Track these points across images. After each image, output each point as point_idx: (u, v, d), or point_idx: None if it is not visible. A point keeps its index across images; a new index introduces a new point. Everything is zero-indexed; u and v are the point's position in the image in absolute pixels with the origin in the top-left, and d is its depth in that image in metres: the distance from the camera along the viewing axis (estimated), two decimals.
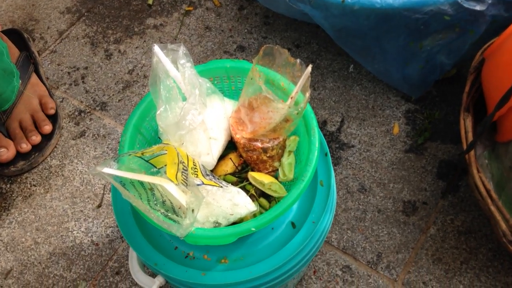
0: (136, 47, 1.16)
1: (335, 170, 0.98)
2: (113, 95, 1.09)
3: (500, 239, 0.73)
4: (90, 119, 1.06)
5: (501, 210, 0.72)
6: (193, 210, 0.56)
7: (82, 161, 1.01)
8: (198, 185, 0.59)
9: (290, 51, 1.14)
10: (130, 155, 0.58)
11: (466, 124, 0.79)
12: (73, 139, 1.04)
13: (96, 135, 1.04)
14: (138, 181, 0.60)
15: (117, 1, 1.24)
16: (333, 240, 0.91)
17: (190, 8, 1.22)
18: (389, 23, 0.87)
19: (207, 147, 0.66)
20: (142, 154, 0.58)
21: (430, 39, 0.88)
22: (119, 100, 1.08)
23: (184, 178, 0.56)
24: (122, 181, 0.59)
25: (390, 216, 0.93)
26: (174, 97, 0.61)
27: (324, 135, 1.03)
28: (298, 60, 0.64)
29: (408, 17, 0.84)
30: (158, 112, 0.57)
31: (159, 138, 0.65)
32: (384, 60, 0.96)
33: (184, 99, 0.62)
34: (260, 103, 0.65)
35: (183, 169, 0.56)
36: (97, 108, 1.07)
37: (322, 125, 1.04)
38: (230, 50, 1.15)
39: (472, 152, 0.76)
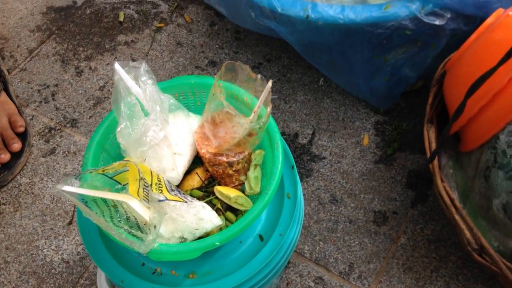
0: (107, 64, 1.16)
1: (306, 182, 0.99)
2: (84, 111, 1.09)
3: (465, 247, 0.75)
4: (61, 136, 1.06)
5: (465, 219, 0.74)
6: (155, 226, 0.56)
7: (52, 179, 1.00)
8: (161, 200, 0.59)
9: (261, 65, 1.15)
10: (91, 172, 0.58)
11: (430, 135, 0.81)
12: (43, 157, 1.03)
13: (66, 152, 1.03)
14: (101, 198, 0.60)
15: (88, 18, 1.24)
16: (305, 251, 0.92)
17: (162, 25, 1.23)
18: (353, 38, 0.89)
19: (171, 163, 0.66)
20: (103, 171, 0.58)
21: (393, 53, 0.90)
22: (90, 117, 1.08)
23: (145, 194, 0.56)
24: (84, 198, 0.59)
25: (361, 227, 0.94)
26: (136, 113, 0.62)
27: (296, 147, 1.04)
28: (259, 76, 0.65)
29: (371, 32, 0.86)
30: (118, 129, 0.58)
31: (122, 155, 0.65)
32: (350, 74, 0.97)
33: (147, 115, 0.63)
34: (223, 118, 0.65)
35: (144, 185, 0.56)
36: (67, 125, 1.07)
37: (294, 137, 1.05)
38: (201, 65, 1.16)
39: (436, 162, 0.78)
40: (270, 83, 0.63)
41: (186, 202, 0.62)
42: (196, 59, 1.17)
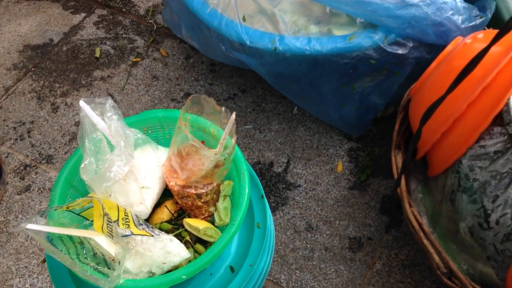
0: (91, 98, 1.17)
1: (282, 210, 1.00)
2: (59, 147, 1.09)
3: (435, 271, 0.75)
4: (36, 173, 1.06)
5: (433, 243, 0.75)
6: (119, 262, 0.57)
7: (27, 216, 1.00)
8: (126, 235, 0.59)
9: (236, 96, 1.17)
10: (56, 209, 0.59)
11: (397, 160, 0.83)
12: (18, 194, 1.03)
13: (41, 189, 1.03)
14: (67, 235, 0.60)
15: (65, 55, 1.26)
16: (282, 281, 0.92)
17: (138, 59, 1.25)
18: (320, 68, 0.91)
19: (139, 197, 0.67)
20: (68, 208, 0.58)
21: (360, 81, 0.93)
22: (65, 152, 1.08)
23: (109, 230, 0.56)
24: (50, 236, 0.59)
25: (337, 254, 0.95)
26: (102, 149, 0.63)
27: (271, 176, 1.05)
28: (223, 108, 0.67)
29: (337, 62, 0.89)
30: (82, 166, 0.58)
31: (88, 190, 0.66)
32: (321, 103, 1.00)
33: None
34: (189, 151, 0.66)
35: (108, 221, 0.56)
36: (42, 162, 1.07)
37: (269, 166, 1.06)
38: (177, 98, 1.18)
39: (403, 188, 0.79)
40: (233, 115, 0.65)
41: (153, 236, 0.62)
42: (172, 91, 1.19)
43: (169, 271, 0.64)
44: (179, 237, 0.69)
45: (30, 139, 1.11)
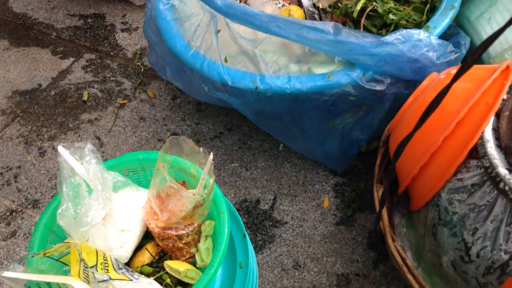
0: (71, 142, 1.18)
1: (269, 248, 0.99)
2: (45, 191, 1.09)
3: None
4: (22, 218, 1.05)
5: (417, 278, 0.74)
6: None
7: None
8: (104, 281, 0.59)
9: (222, 134, 1.18)
10: (33, 256, 0.58)
11: (379, 195, 0.83)
12: (4, 240, 1.02)
13: (27, 234, 1.03)
14: (45, 282, 0.60)
15: (53, 99, 1.27)
16: None
17: (125, 101, 1.26)
18: (301, 106, 0.93)
19: (119, 240, 0.66)
20: (45, 254, 0.58)
21: (341, 117, 0.94)
22: (51, 196, 1.08)
23: (85, 276, 0.56)
24: (28, 283, 0.59)
25: None
26: (81, 193, 0.63)
27: (258, 214, 1.05)
28: (201, 149, 0.68)
29: (317, 100, 0.90)
30: (59, 211, 0.59)
31: (66, 236, 0.66)
32: (304, 139, 1.01)
33: None
34: (168, 193, 0.67)
35: (84, 266, 0.56)
36: (29, 207, 1.07)
37: (256, 204, 1.06)
38: (164, 138, 1.19)
39: (386, 223, 0.79)
40: (211, 156, 0.66)
41: (131, 280, 0.62)
42: (159, 132, 1.20)
43: None
44: (160, 280, 0.68)
45: (17, 184, 1.11)
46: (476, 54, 0.46)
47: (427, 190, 0.75)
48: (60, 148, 0.62)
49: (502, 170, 0.64)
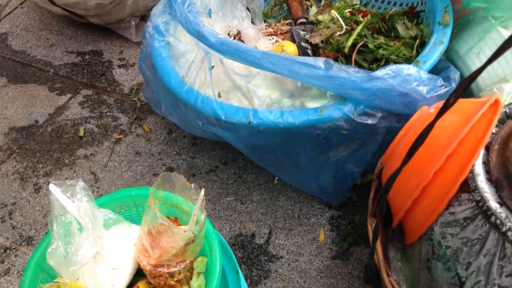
0: (66, 178, 1.19)
1: (265, 284, 0.98)
2: (40, 228, 1.09)
3: None
4: (16, 256, 1.04)
5: None
6: None
7: None
8: None
9: (218, 168, 1.19)
10: None
11: (373, 229, 0.83)
12: None
13: (21, 272, 1.02)
14: None
15: (49, 135, 1.28)
16: None
17: (121, 136, 1.27)
18: (294, 139, 0.93)
19: (110, 279, 0.66)
20: None
21: (334, 151, 0.94)
22: (45, 233, 1.08)
23: None
24: None
25: None
26: (72, 232, 0.63)
27: (253, 248, 1.04)
28: (193, 185, 0.68)
29: (310, 133, 0.91)
30: (49, 250, 0.58)
31: (56, 275, 0.65)
32: (298, 173, 1.01)
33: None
34: (160, 230, 0.67)
35: None
36: (23, 244, 1.06)
37: (251, 238, 1.06)
38: (159, 172, 1.19)
39: (380, 257, 0.79)
40: (202, 192, 0.66)
41: None
42: (154, 166, 1.20)
43: None
44: None
45: (12, 221, 1.11)
46: (458, 92, 0.47)
47: (420, 224, 0.74)
48: (51, 186, 0.63)
49: (493, 204, 0.64)
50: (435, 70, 0.99)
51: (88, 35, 1.57)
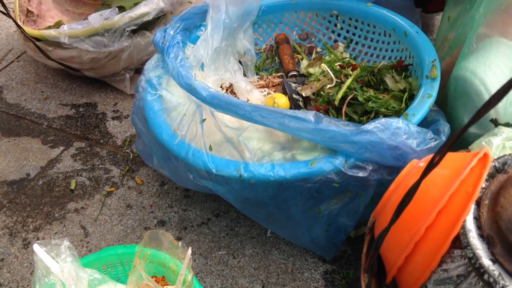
0: (55, 233, 1.17)
1: None
2: (27, 286, 1.06)
3: None
4: None
5: None
6: None
7: None
8: None
9: (210, 221, 1.17)
10: None
11: (366, 286, 0.81)
12: None
13: None
14: None
15: (40, 189, 1.27)
16: None
17: (112, 189, 1.26)
18: (285, 193, 0.93)
19: None
20: None
21: (326, 204, 0.94)
22: None
23: None
24: None
25: None
26: None
27: None
28: (180, 243, 0.67)
29: (301, 187, 0.90)
30: None
31: None
32: (290, 226, 1.00)
33: None
34: None
35: None
36: None
37: None
38: (150, 226, 1.17)
39: None
40: (189, 251, 0.65)
41: None
42: (145, 220, 1.19)
43: None
44: None
45: None
46: (443, 151, 0.47)
47: (413, 281, 0.73)
48: (36, 247, 0.61)
49: (486, 261, 0.63)
50: (425, 123, 0.99)
51: (83, 87, 1.59)
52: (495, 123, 0.98)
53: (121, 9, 1.60)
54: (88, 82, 1.60)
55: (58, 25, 1.52)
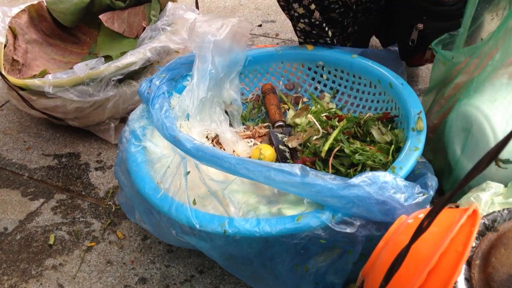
0: None
1: None
2: None
3: None
4: None
5: None
6: None
7: None
8: None
9: (193, 278, 1.13)
10: None
11: None
12: None
13: None
14: None
15: (17, 244, 1.22)
16: None
17: (93, 244, 1.22)
18: (271, 250, 0.90)
19: None
20: None
21: (313, 261, 0.90)
22: None
23: None
24: None
25: None
26: None
27: None
28: None
29: (287, 243, 0.87)
30: None
31: None
32: (276, 285, 0.96)
33: None
34: None
35: None
36: None
37: None
38: (131, 284, 1.12)
39: None
40: None
41: None
42: (126, 277, 1.14)
43: None
44: None
45: None
46: (432, 215, 0.45)
47: None
48: None
49: None
50: (412, 176, 0.98)
51: (67, 137, 1.57)
52: (496, 160, 0.97)
53: (108, 58, 1.60)
54: (72, 131, 1.57)
55: (43, 74, 1.51)
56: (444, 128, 1.09)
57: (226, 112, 1.32)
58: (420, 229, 0.46)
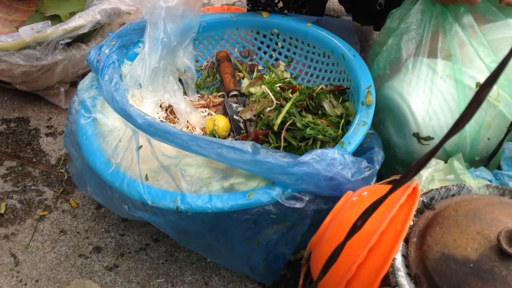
0: None
1: None
2: None
3: None
4: None
5: None
6: None
7: None
8: None
9: (148, 246, 1.15)
10: None
11: None
12: None
13: None
14: None
15: None
16: None
17: (45, 213, 1.21)
18: (223, 224, 0.92)
19: None
20: None
21: (263, 234, 0.94)
22: None
23: None
24: None
25: None
26: None
27: None
28: None
29: (239, 218, 0.90)
30: None
31: None
32: (229, 256, 0.99)
33: None
34: None
35: None
36: None
37: None
38: (85, 253, 1.13)
39: None
40: None
41: None
42: (80, 246, 1.14)
43: None
44: None
45: None
46: (365, 216, 0.47)
47: None
48: None
49: None
50: (361, 149, 1.01)
51: (15, 101, 1.51)
52: (417, 137, 1.01)
53: (56, 17, 1.53)
54: (21, 95, 1.52)
55: None
56: (377, 104, 1.13)
57: (180, 80, 1.30)
58: (354, 228, 0.49)
